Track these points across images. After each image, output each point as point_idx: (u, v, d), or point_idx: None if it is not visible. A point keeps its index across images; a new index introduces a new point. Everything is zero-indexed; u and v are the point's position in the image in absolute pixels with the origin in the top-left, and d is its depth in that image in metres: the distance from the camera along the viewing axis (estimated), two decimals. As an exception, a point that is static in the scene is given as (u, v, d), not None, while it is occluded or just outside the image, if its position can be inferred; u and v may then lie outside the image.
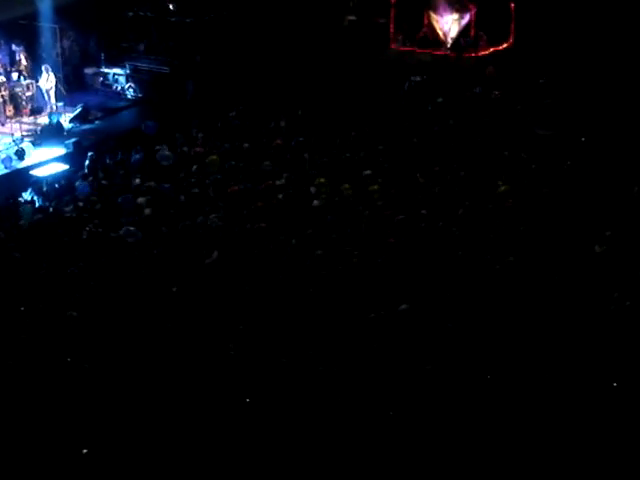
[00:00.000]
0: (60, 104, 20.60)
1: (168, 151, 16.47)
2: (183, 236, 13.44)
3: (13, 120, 19.68)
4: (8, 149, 18.28)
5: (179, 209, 14.50)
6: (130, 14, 23.15)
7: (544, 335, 10.44)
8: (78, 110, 20.29)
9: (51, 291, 11.92)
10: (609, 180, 14.68)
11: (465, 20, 23.18)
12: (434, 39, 23.49)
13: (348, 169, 15.84)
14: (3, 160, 17.93)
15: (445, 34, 23.38)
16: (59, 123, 19.49)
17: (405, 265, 12.25)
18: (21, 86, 20.41)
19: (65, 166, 17.91)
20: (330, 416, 9.31)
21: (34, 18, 21.24)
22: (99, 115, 20.72)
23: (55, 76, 20.66)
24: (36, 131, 19.38)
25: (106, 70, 22.49)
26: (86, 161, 17.34)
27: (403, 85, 20.56)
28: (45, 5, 21.15)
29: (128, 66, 22.40)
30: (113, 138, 19.09)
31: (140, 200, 14.77)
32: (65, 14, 21.42)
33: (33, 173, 17.67)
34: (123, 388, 9.83)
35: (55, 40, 21.53)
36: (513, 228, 13.18)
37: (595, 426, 9.06)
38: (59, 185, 16.76)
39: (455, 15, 23.22)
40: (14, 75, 20.57)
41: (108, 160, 17.43)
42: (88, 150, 18.19)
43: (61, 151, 18.61)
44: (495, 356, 10.18)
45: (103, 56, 22.68)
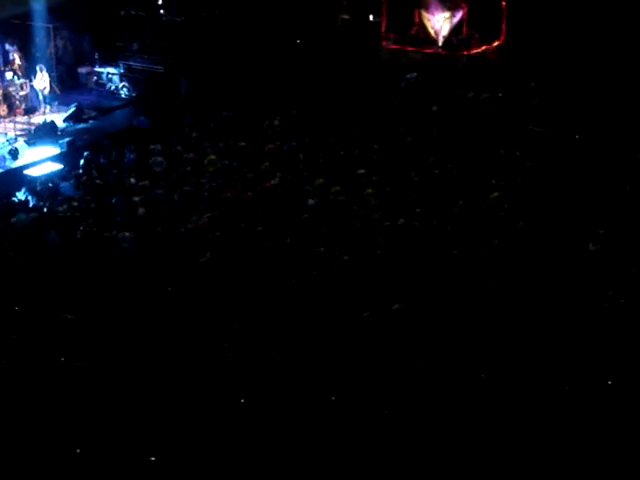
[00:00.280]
0: (54, 103, 20.43)
1: (160, 157, 16.19)
2: (177, 236, 13.24)
3: (7, 120, 19.46)
4: (2, 149, 18.05)
5: (173, 209, 14.30)
6: (122, 13, 22.95)
7: (539, 333, 10.27)
8: (72, 109, 20.11)
9: (45, 291, 11.73)
10: (603, 178, 14.57)
11: (456, 18, 23.08)
12: (425, 37, 23.33)
13: (342, 168, 15.64)
14: (-4, 160, 17.75)
15: (437, 32, 23.24)
16: (53, 122, 19.28)
17: (399, 264, 12.08)
18: (15, 85, 20.22)
19: (59, 165, 17.74)
20: (326, 416, 9.12)
21: (28, 17, 21.06)
22: (93, 114, 20.52)
23: (49, 75, 20.46)
24: (30, 131, 19.18)
25: (100, 69, 22.30)
26: (81, 161, 17.18)
27: (399, 83, 20.34)
28: (39, 4, 21.00)
29: (122, 65, 22.19)
30: (107, 137, 18.91)
31: (135, 199, 14.59)
32: (59, 13, 21.27)
33: (27, 173, 17.50)
34: (118, 388, 9.61)
35: (49, 39, 21.40)
36: (508, 227, 13.03)
37: (590, 425, 8.86)
38: (53, 184, 16.50)
39: (447, 13, 23.08)
40: (8, 74, 20.35)
41: (102, 159, 17.26)
42: (82, 149, 18.05)
43: (55, 150, 18.41)
44: (490, 354, 10.01)
45: (97, 55, 22.51)
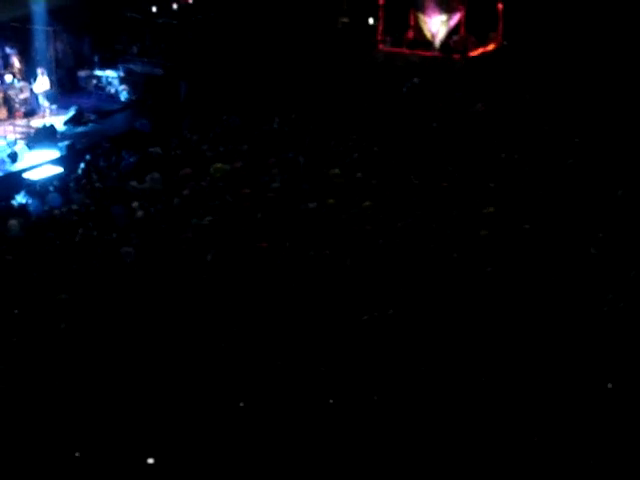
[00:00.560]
0: (54, 107, 20.16)
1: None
2: (178, 239, 13.12)
3: (6, 123, 19.21)
4: (1, 152, 17.82)
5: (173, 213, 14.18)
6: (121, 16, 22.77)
7: (538, 336, 10.22)
8: (72, 113, 19.87)
9: (43, 294, 11.61)
10: (601, 182, 14.45)
11: (453, 21, 22.96)
12: (422, 40, 23.20)
13: (342, 170, 15.54)
14: (-4, 163, 17.52)
15: (433, 35, 23.13)
16: (52, 126, 19.05)
17: (399, 267, 11.98)
18: (14, 88, 19.98)
19: (59, 169, 17.52)
20: (324, 418, 9.09)
21: (28, 21, 20.74)
22: (93, 118, 20.27)
23: (49, 79, 20.22)
24: (29, 134, 18.92)
25: (99, 73, 22.04)
26: (81, 164, 16.98)
27: (398, 87, 20.20)
28: (39, 8, 20.69)
29: (121, 68, 21.97)
30: (107, 140, 18.69)
31: (134, 204, 14.42)
32: (59, 17, 20.99)
33: (26, 176, 17.27)
34: (116, 390, 9.58)
35: (49, 43, 21.02)
36: (508, 230, 12.93)
37: (588, 427, 8.84)
38: (53, 188, 16.29)
39: (443, 16, 23.00)
40: (7, 77, 20.10)
41: (102, 163, 17.07)
42: (82, 153, 17.83)
43: (55, 154, 18.19)
44: (490, 358, 9.95)
45: (97, 58, 22.26)
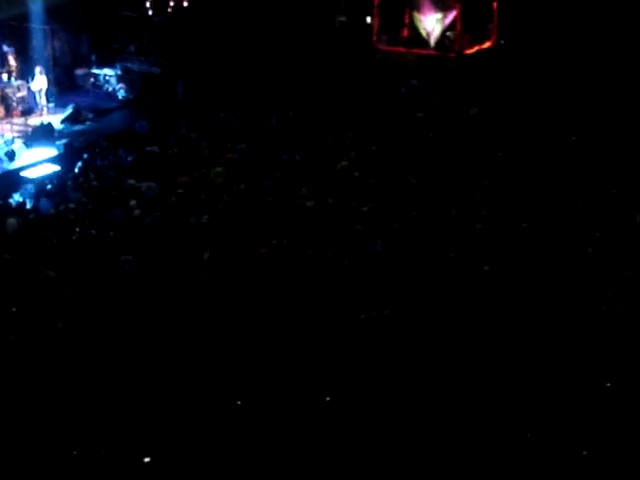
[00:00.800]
0: (51, 105, 20.05)
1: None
2: (175, 238, 12.97)
3: (4, 121, 19.09)
4: (-1, 150, 17.74)
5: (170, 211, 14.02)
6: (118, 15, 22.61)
7: (536, 335, 10.09)
8: (69, 111, 19.77)
9: (41, 293, 11.54)
10: (597, 180, 14.34)
11: (449, 19, 22.79)
12: (417, 39, 23.00)
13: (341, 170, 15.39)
14: (-7, 161, 17.39)
15: (429, 34, 22.95)
16: (50, 124, 18.88)
17: (396, 267, 11.83)
18: (12, 87, 19.84)
19: (56, 167, 17.41)
20: (320, 416, 8.98)
21: (25, 19, 20.61)
22: (90, 116, 20.14)
23: (46, 77, 20.07)
24: (27, 132, 18.79)
25: (97, 71, 21.88)
26: (79, 163, 16.84)
27: (396, 87, 20.03)
28: (36, 6, 20.57)
29: (119, 67, 21.82)
30: (104, 139, 18.54)
31: (131, 203, 14.27)
32: (56, 15, 20.87)
33: (24, 174, 17.15)
34: (113, 389, 9.49)
35: (46, 41, 20.97)
36: (505, 229, 12.79)
37: (586, 426, 8.70)
38: (50, 186, 16.22)
39: (439, 14, 22.81)
40: (4, 76, 19.95)
41: (99, 161, 16.92)
42: (79, 151, 17.70)
43: (52, 152, 18.04)
44: (488, 357, 9.82)
45: (94, 57, 22.10)
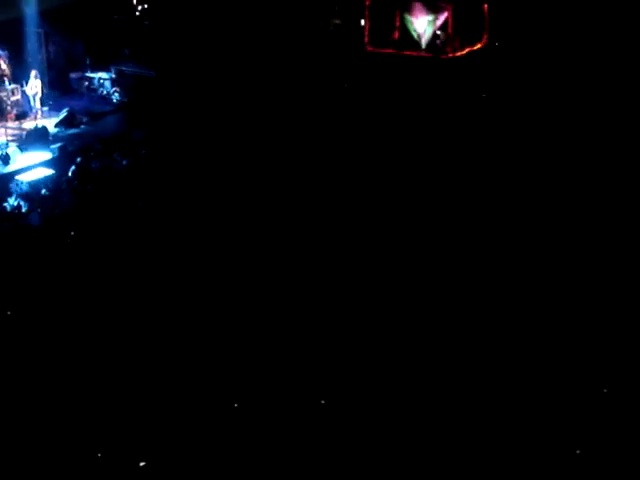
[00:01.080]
0: (45, 109, 19.81)
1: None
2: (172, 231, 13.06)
3: (-2, 125, 18.90)
4: (-7, 154, 17.48)
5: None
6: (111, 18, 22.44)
7: (540, 333, 10.26)
8: (63, 115, 19.49)
9: (36, 295, 11.54)
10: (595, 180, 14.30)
11: (440, 21, 22.68)
12: (408, 40, 22.93)
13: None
14: (-13, 165, 17.14)
15: (419, 36, 22.91)
16: (44, 128, 18.64)
17: (401, 266, 11.97)
18: (6, 91, 19.56)
19: (50, 171, 17.13)
20: (316, 419, 9.02)
21: (19, 23, 20.37)
22: (84, 120, 19.88)
23: (41, 81, 19.85)
24: (21, 136, 18.52)
25: (91, 75, 21.68)
26: (72, 167, 16.62)
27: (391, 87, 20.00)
28: (30, 9, 20.38)
29: (113, 70, 21.62)
30: (99, 142, 18.31)
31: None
32: (51, 18, 20.67)
33: (18, 178, 16.85)
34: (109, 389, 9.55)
35: (40, 45, 20.77)
36: (507, 228, 12.83)
37: (585, 426, 8.82)
38: (45, 190, 16.00)
39: (430, 17, 22.77)
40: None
41: (93, 165, 16.71)
42: (74, 155, 17.46)
43: (47, 156, 17.79)
44: (490, 356, 9.94)
45: (88, 60, 21.86)
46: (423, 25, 22.76)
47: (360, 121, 18.17)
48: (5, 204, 15.64)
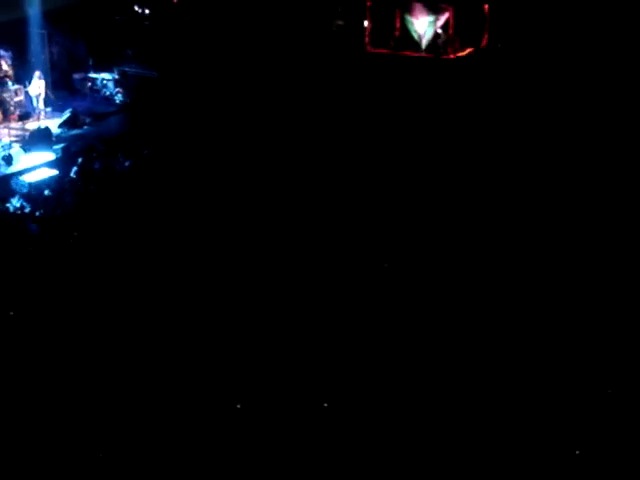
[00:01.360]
0: (48, 109, 19.70)
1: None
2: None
3: (1, 126, 18.76)
4: (-4, 155, 17.39)
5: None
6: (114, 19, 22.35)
7: (540, 334, 10.22)
8: (67, 115, 19.40)
9: (38, 296, 11.48)
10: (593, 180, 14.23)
11: (440, 22, 22.62)
12: (409, 41, 22.86)
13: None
14: (-9, 166, 17.06)
15: (420, 36, 22.86)
16: (47, 128, 18.52)
17: (401, 266, 11.93)
18: (9, 91, 19.47)
19: (54, 171, 17.03)
20: (318, 421, 8.96)
21: (22, 23, 20.28)
22: (87, 120, 19.78)
23: (44, 81, 19.73)
24: (24, 137, 18.43)
25: (94, 75, 21.58)
26: (74, 167, 16.53)
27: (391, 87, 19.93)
28: (34, 10, 20.31)
29: (116, 71, 21.50)
30: (102, 143, 18.20)
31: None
32: (54, 19, 20.58)
33: (22, 179, 16.74)
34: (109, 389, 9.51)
35: (43, 45, 20.72)
36: (508, 227, 12.78)
37: (584, 426, 8.77)
38: (48, 191, 15.88)
39: (431, 17, 22.74)
40: (1, 81, 19.57)
41: (96, 165, 16.60)
42: (77, 155, 17.37)
43: (50, 156, 17.69)
44: (492, 356, 9.90)
45: (91, 61, 21.78)
46: (424, 26, 22.74)
47: (361, 121, 18.13)
48: (8, 205, 15.59)
